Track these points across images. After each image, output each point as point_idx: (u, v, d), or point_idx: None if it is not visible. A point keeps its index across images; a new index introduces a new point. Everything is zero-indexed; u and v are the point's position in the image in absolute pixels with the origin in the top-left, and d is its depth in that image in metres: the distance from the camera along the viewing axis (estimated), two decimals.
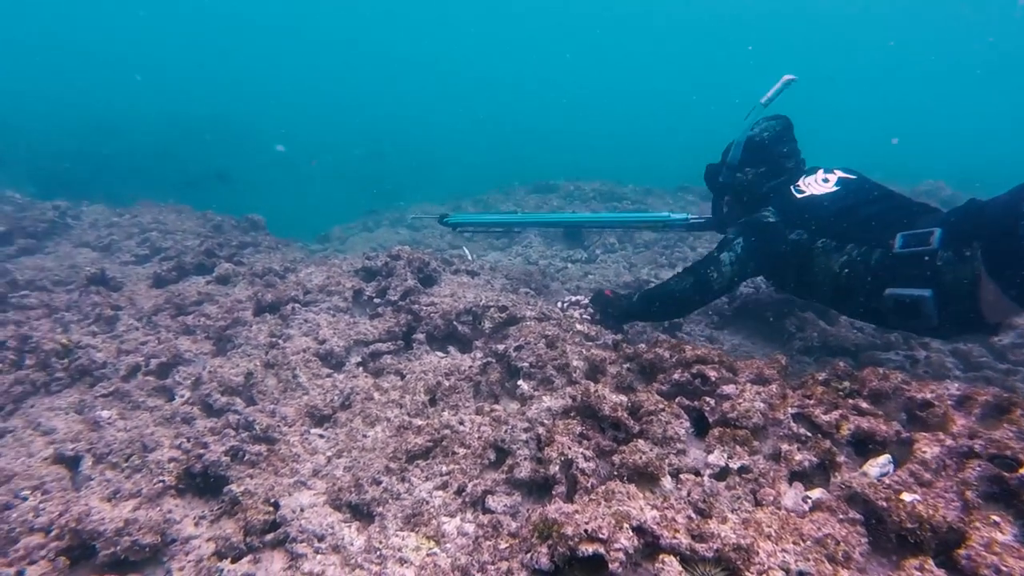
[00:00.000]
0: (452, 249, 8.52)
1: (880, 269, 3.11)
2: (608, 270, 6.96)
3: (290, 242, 10.03)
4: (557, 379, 3.02)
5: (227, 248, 5.88)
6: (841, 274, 3.29)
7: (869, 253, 3.18)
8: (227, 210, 8.89)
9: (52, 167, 19.55)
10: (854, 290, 3.27)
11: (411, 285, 4.11)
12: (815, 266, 3.43)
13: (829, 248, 3.36)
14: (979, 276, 2.73)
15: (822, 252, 3.39)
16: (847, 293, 3.34)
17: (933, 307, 2.90)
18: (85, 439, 2.93)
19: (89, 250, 6.42)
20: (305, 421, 3.00)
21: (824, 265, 3.38)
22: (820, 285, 3.46)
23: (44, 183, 18.72)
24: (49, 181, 18.91)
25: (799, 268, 3.54)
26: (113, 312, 4.07)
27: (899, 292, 3.01)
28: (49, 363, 3.47)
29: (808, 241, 3.46)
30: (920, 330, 3.36)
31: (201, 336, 3.82)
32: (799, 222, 3.54)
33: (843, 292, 3.35)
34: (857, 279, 3.22)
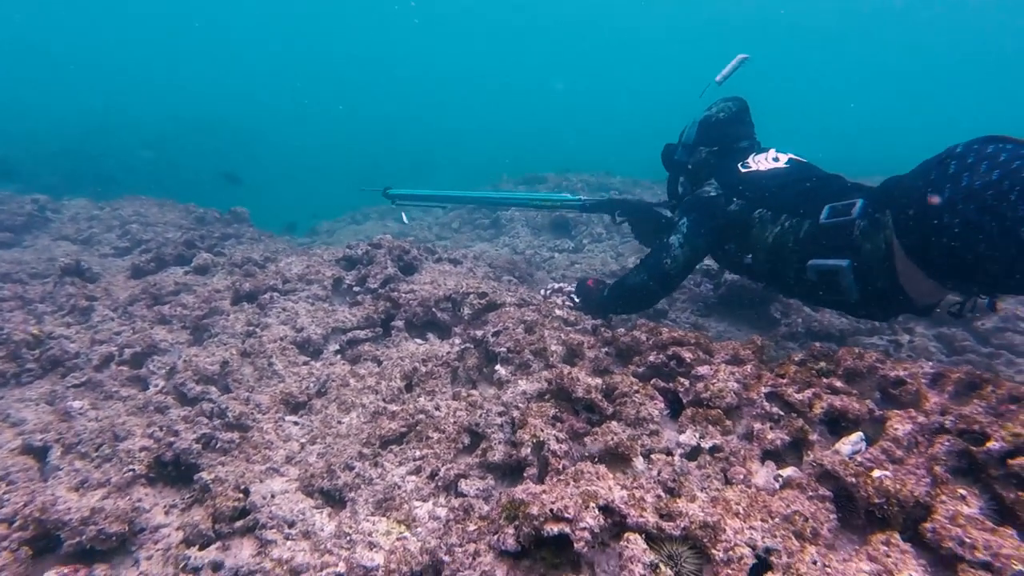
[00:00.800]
0: (439, 241, 8.49)
1: (807, 240, 3.09)
2: (595, 259, 6.93)
3: (275, 235, 10.00)
4: (534, 364, 3.00)
5: (208, 240, 5.84)
6: (773, 246, 3.28)
7: (800, 224, 3.17)
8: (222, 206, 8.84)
9: (52, 170, 19.48)
10: (785, 263, 3.25)
11: (391, 273, 4.08)
12: (751, 238, 3.42)
13: (765, 218, 3.36)
14: (892, 245, 2.69)
15: (758, 222, 3.39)
16: (778, 266, 3.32)
17: (851, 277, 2.86)
18: (55, 429, 2.89)
19: (69, 243, 6.36)
20: (280, 408, 2.97)
21: (759, 236, 3.37)
22: (756, 260, 3.44)
23: (44, 186, 18.61)
24: (48, 182, 18.81)
25: (738, 241, 3.54)
26: (88, 303, 4.02)
27: (820, 262, 2.98)
28: (20, 354, 3.42)
29: (746, 211, 3.46)
30: (848, 307, 3.26)
31: (177, 326, 3.78)
32: (739, 195, 3.55)
33: (775, 265, 3.34)
34: (786, 251, 3.21)
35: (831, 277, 2.95)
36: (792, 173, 3.50)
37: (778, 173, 3.53)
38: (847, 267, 2.85)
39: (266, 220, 20.09)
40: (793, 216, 3.23)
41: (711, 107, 4.05)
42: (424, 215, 10.61)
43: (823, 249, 3.01)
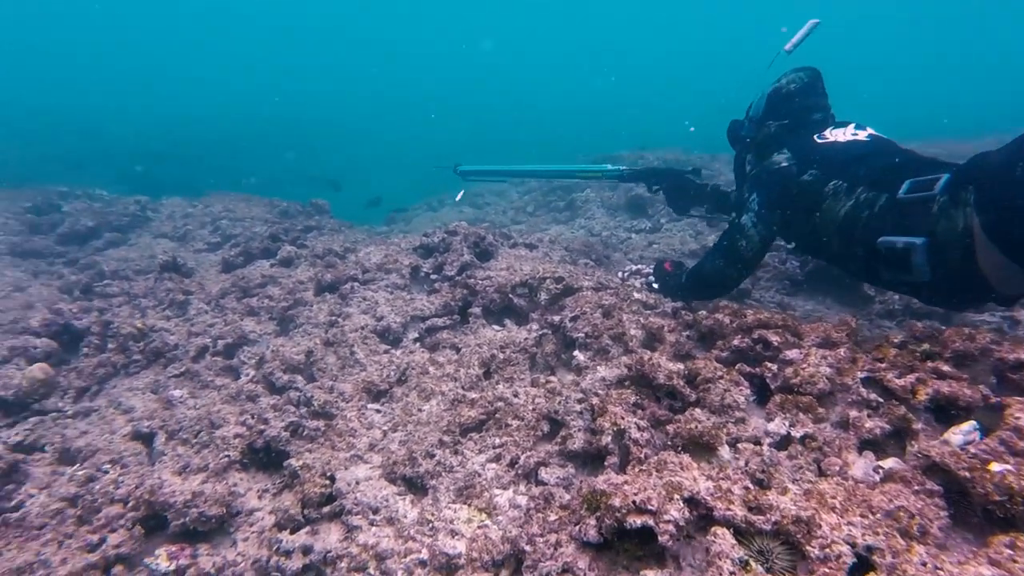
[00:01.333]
0: (514, 225, 8.49)
1: (882, 215, 2.82)
2: (673, 238, 6.74)
3: (354, 225, 10.28)
4: (613, 349, 2.94)
5: (292, 232, 6.05)
6: (845, 220, 3.01)
7: (876, 198, 2.89)
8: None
9: (131, 168, 20.80)
10: (855, 239, 2.97)
11: (467, 260, 4.09)
12: (823, 211, 3.15)
13: (840, 190, 3.09)
14: (971, 224, 2.40)
15: (832, 195, 3.11)
16: (848, 243, 3.04)
17: (924, 257, 2.58)
18: (159, 417, 3.07)
19: (167, 240, 6.75)
20: (362, 396, 3.04)
21: (831, 209, 3.10)
22: (826, 234, 3.17)
23: (126, 182, 19.93)
24: (129, 181, 20.11)
25: (807, 213, 3.26)
26: (184, 297, 4.25)
27: (891, 239, 2.71)
28: (127, 347, 3.66)
29: (820, 182, 3.20)
30: (918, 291, 3.00)
31: (265, 317, 3.94)
32: (813, 165, 3.29)
33: (845, 241, 3.05)
34: (858, 226, 2.94)
35: (903, 256, 2.68)
36: (873, 146, 3.24)
37: (857, 145, 3.28)
38: (921, 245, 2.57)
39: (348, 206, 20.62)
40: (871, 189, 2.96)
41: (780, 78, 3.80)
42: (498, 199, 10.65)
43: (898, 226, 2.73)
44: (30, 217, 7.02)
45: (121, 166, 20.71)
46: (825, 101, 3.73)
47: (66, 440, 3.04)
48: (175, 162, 22.05)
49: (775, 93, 3.76)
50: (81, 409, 3.32)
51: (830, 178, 3.17)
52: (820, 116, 3.66)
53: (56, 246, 6.48)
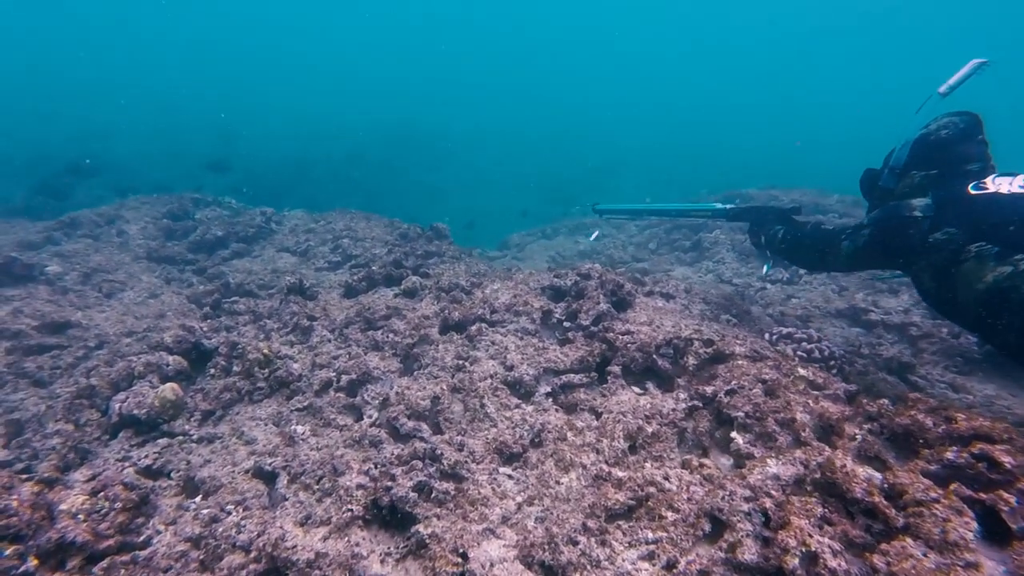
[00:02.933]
0: (636, 263, 8.20)
1: None
2: (814, 292, 6.25)
3: (471, 251, 10.29)
4: (780, 436, 2.62)
5: (412, 258, 6.05)
6: (994, 288, 2.73)
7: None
8: (409, 216, 9.37)
9: (263, 173, 22.10)
10: (1008, 310, 2.69)
11: (604, 309, 3.87)
12: (960, 273, 2.91)
13: (986, 254, 2.82)
14: None
15: (975, 257, 2.85)
16: (996, 313, 2.76)
17: None
18: (281, 454, 3.02)
19: (289, 255, 6.94)
20: (493, 458, 2.86)
21: (972, 274, 2.84)
22: (962, 299, 2.93)
23: (254, 186, 21.17)
24: (257, 185, 21.34)
25: (939, 274, 3.04)
26: (309, 323, 4.26)
27: None
28: (252, 372, 3.67)
29: (956, 242, 2.95)
30: None
31: (389, 352, 3.87)
32: (959, 221, 3.00)
33: (992, 311, 2.77)
34: (1015, 296, 2.65)
35: None
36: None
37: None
38: None
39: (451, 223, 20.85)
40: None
41: (930, 123, 3.53)
42: (618, 232, 10.39)
43: None
44: (166, 223, 7.43)
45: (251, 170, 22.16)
46: (984, 150, 3.42)
47: (191, 468, 3.04)
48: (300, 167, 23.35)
49: (922, 139, 3.52)
50: (205, 435, 3.33)
51: (974, 239, 2.92)
52: (977, 167, 3.34)
53: (188, 253, 6.81)
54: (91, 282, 5.74)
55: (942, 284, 3.04)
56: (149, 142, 24.79)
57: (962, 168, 3.36)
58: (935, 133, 3.47)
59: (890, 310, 5.22)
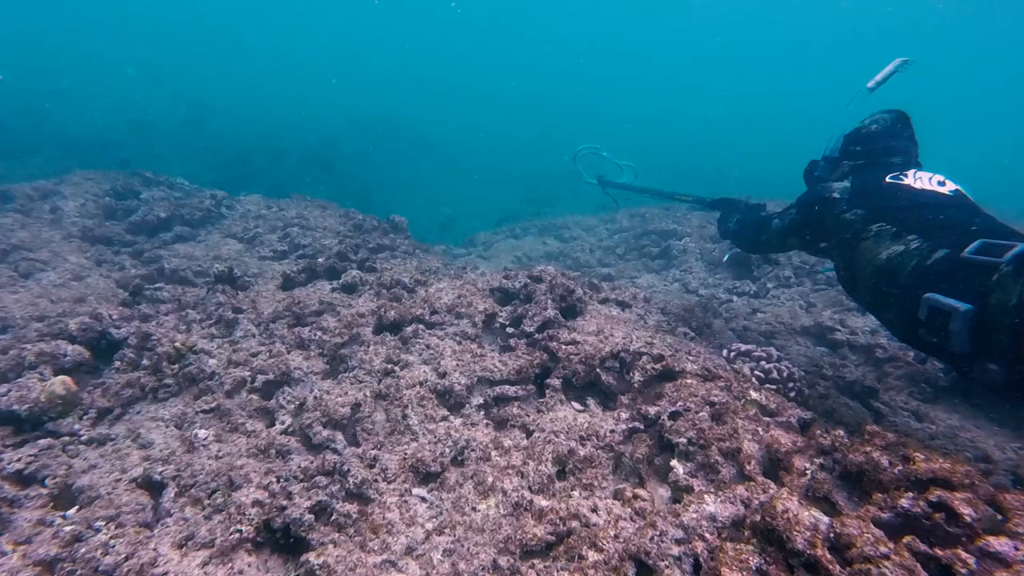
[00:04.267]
0: (602, 267, 7.97)
1: (935, 269, 2.65)
2: (781, 308, 6.06)
3: (431, 247, 9.97)
4: (723, 468, 2.38)
5: (363, 250, 5.76)
6: (887, 265, 2.89)
7: (932, 250, 2.72)
8: (381, 209, 9.06)
9: (232, 163, 21.55)
10: (894, 286, 2.85)
11: (550, 316, 3.62)
12: (858, 252, 3.10)
13: (884, 234, 2.99)
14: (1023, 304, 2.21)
15: (874, 236, 3.03)
16: (886, 290, 2.91)
17: (965, 326, 2.39)
18: (175, 462, 2.72)
19: (236, 241, 6.60)
20: (408, 477, 2.58)
21: (869, 252, 3.02)
22: (861, 276, 3.11)
23: (224, 172, 20.64)
24: (229, 170, 20.83)
25: (843, 252, 3.26)
26: (234, 315, 3.95)
27: (937, 298, 2.53)
28: (160, 367, 3.36)
29: (860, 222, 3.15)
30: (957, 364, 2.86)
31: (315, 352, 3.57)
32: (868, 204, 3.22)
33: (883, 287, 2.94)
34: (902, 274, 2.80)
35: (942, 319, 2.50)
36: (949, 201, 3.08)
37: (929, 195, 3.13)
38: (965, 312, 2.39)
39: (424, 218, 20.54)
40: (927, 240, 2.80)
41: (865, 119, 3.76)
42: (586, 234, 10.18)
43: (950, 286, 2.55)
44: (108, 201, 7.04)
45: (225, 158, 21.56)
46: (909, 145, 3.63)
47: (71, 474, 2.72)
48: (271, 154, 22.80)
49: (854, 133, 3.74)
50: (97, 436, 3.01)
51: (876, 220, 3.09)
52: (900, 160, 3.56)
53: (126, 234, 6.43)
54: (7, 260, 5.35)
55: (847, 260, 3.21)
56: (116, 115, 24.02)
57: (886, 160, 3.56)
58: (866, 127, 3.69)
59: (856, 330, 5.04)
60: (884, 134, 3.63)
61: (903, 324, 2.93)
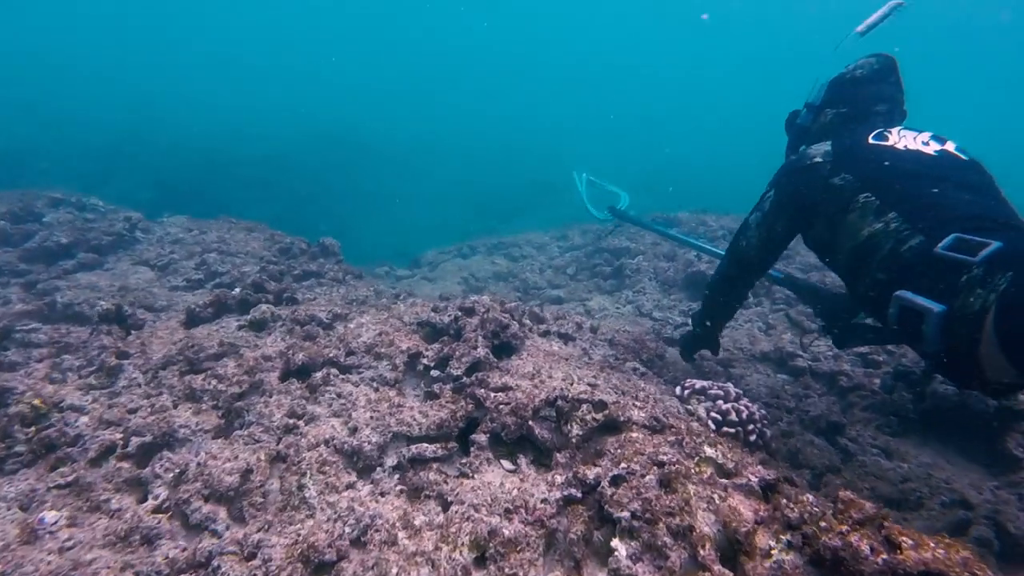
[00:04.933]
0: (552, 289, 7.61)
1: (907, 261, 2.55)
2: (739, 331, 5.78)
3: (369, 270, 9.47)
4: (673, 552, 2.01)
5: (287, 277, 5.29)
6: (866, 245, 2.75)
7: (909, 236, 2.58)
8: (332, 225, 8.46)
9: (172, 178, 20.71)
10: (866, 271, 2.76)
11: (480, 356, 3.22)
12: (843, 225, 2.89)
13: (869, 207, 2.78)
14: (988, 310, 2.15)
15: (860, 208, 2.82)
16: (860, 269, 2.82)
17: (937, 328, 2.32)
18: (3, 561, 2.22)
19: (147, 269, 6.05)
20: (295, 569, 2.14)
21: (854, 226, 2.82)
22: (839, 248, 2.95)
23: (164, 191, 19.81)
24: (168, 190, 20.01)
25: (828, 221, 3.00)
26: (118, 361, 3.45)
27: (909, 297, 2.44)
28: (10, 432, 2.85)
29: (850, 190, 2.90)
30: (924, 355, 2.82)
31: (208, 404, 3.11)
32: (854, 169, 2.96)
33: (857, 265, 2.84)
34: (876, 258, 2.69)
35: (913, 318, 2.42)
36: (937, 167, 2.84)
37: (918, 158, 2.89)
38: (938, 314, 2.31)
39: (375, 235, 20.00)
40: (906, 221, 2.63)
41: (850, 65, 3.55)
42: (537, 252, 9.85)
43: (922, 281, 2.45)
44: (2, 225, 6.40)
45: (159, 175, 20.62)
46: (895, 92, 3.43)
47: None
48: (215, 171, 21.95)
49: (838, 79, 3.54)
50: None
51: (864, 188, 2.86)
52: (885, 108, 3.36)
53: (19, 263, 5.82)
54: None
55: (831, 231, 3.00)
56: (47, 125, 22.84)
57: (871, 108, 3.37)
58: (851, 72, 3.49)
59: (819, 355, 4.77)
60: (869, 79, 3.43)
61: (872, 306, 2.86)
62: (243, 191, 22.37)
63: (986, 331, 2.15)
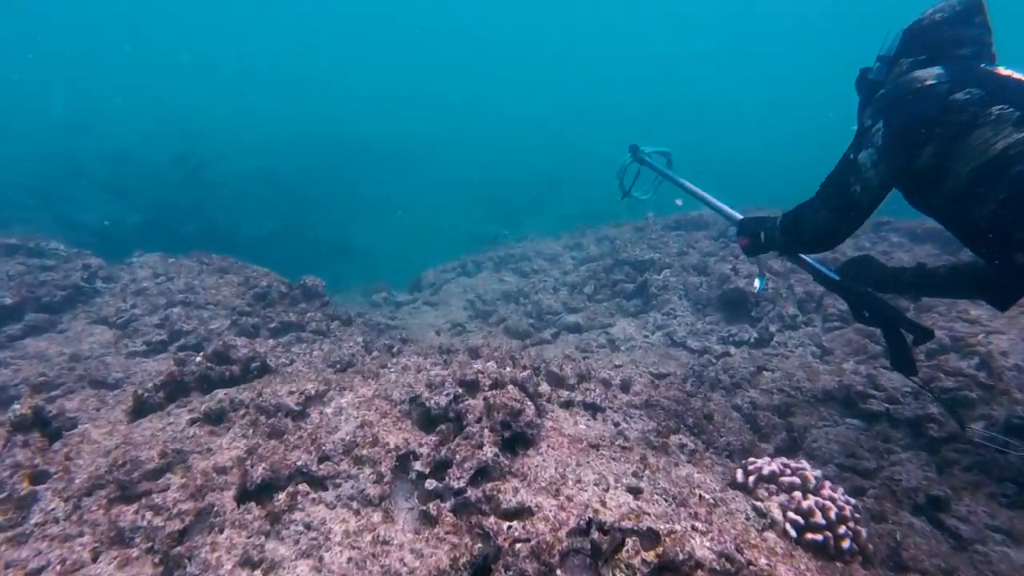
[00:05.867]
0: (568, 314, 6.91)
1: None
2: (790, 359, 5.09)
3: (360, 297, 8.78)
4: None
5: (262, 332, 4.65)
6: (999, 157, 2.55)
7: None
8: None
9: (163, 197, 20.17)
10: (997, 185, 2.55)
11: (488, 459, 2.57)
12: (970, 140, 2.65)
13: (1006, 119, 2.58)
14: None
15: (993, 121, 2.61)
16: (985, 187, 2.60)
17: None
18: None
19: (106, 328, 5.43)
20: None
21: (983, 141, 2.61)
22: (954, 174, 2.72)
23: (150, 211, 19.25)
24: (153, 210, 19.44)
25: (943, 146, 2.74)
26: (31, 488, 2.80)
27: None
28: None
29: (978, 103, 2.67)
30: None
31: (140, 548, 2.46)
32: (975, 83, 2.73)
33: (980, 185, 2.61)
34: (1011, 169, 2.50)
35: None
36: None
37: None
38: None
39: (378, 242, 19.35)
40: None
41: (927, 10, 3.21)
42: (550, 265, 9.17)
43: None
44: None
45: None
46: (983, 34, 3.07)
47: None
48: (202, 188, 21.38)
49: (914, 25, 3.21)
50: None
51: (996, 101, 2.65)
52: (971, 51, 3.02)
53: None
54: None
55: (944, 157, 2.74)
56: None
57: (954, 52, 3.03)
58: (929, 17, 3.17)
59: (894, 394, 4.06)
60: (951, 22, 3.09)
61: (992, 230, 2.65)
62: (238, 207, 21.86)
63: None
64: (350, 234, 24.84)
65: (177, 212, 19.58)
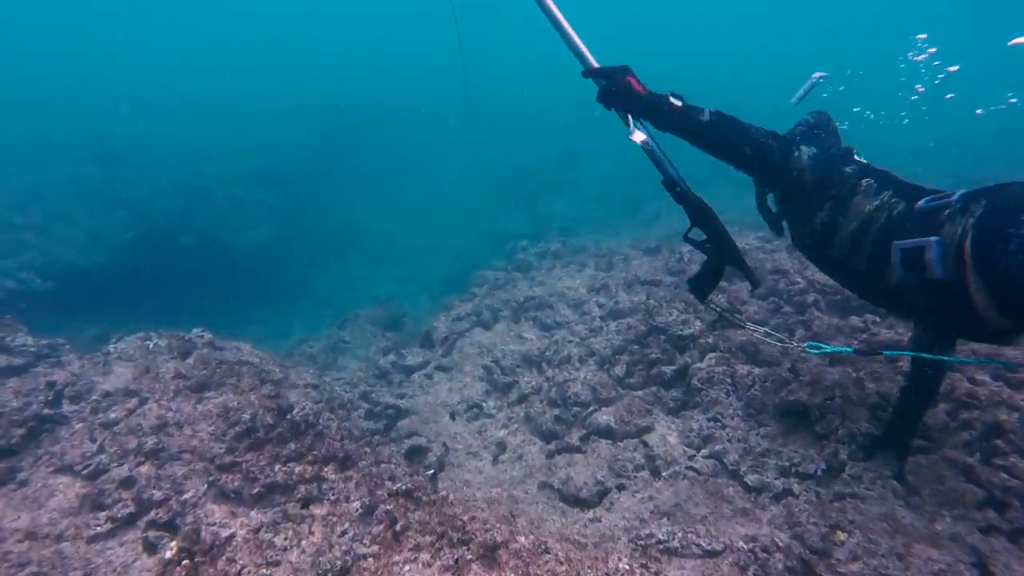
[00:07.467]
0: (599, 407, 6.29)
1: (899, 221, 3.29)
2: (870, 502, 4.44)
3: (348, 449, 8.18)
4: None
5: (244, 495, 4.10)
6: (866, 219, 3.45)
7: (896, 204, 3.38)
8: None
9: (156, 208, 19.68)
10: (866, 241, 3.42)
11: None
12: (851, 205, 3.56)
13: (871, 188, 3.54)
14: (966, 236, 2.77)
15: (863, 191, 3.56)
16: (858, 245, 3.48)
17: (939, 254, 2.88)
18: None
19: (71, 479, 4.91)
20: None
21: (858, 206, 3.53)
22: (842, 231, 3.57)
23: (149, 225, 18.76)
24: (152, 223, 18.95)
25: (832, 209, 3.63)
26: None
27: (905, 242, 3.09)
28: None
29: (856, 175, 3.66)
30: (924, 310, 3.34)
31: None
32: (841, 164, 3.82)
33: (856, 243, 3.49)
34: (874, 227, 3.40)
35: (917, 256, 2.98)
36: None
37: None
38: (936, 242, 2.90)
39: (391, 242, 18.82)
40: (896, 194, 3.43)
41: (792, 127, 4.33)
42: (575, 317, 8.57)
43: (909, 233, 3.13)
44: None
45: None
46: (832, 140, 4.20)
47: None
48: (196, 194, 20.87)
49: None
50: None
51: (864, 175, 3.65)
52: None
53: None
54: None
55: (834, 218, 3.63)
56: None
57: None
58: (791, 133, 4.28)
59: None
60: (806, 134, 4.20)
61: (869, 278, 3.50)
62: (235, 214, 21.37)
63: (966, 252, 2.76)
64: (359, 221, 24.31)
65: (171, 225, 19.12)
